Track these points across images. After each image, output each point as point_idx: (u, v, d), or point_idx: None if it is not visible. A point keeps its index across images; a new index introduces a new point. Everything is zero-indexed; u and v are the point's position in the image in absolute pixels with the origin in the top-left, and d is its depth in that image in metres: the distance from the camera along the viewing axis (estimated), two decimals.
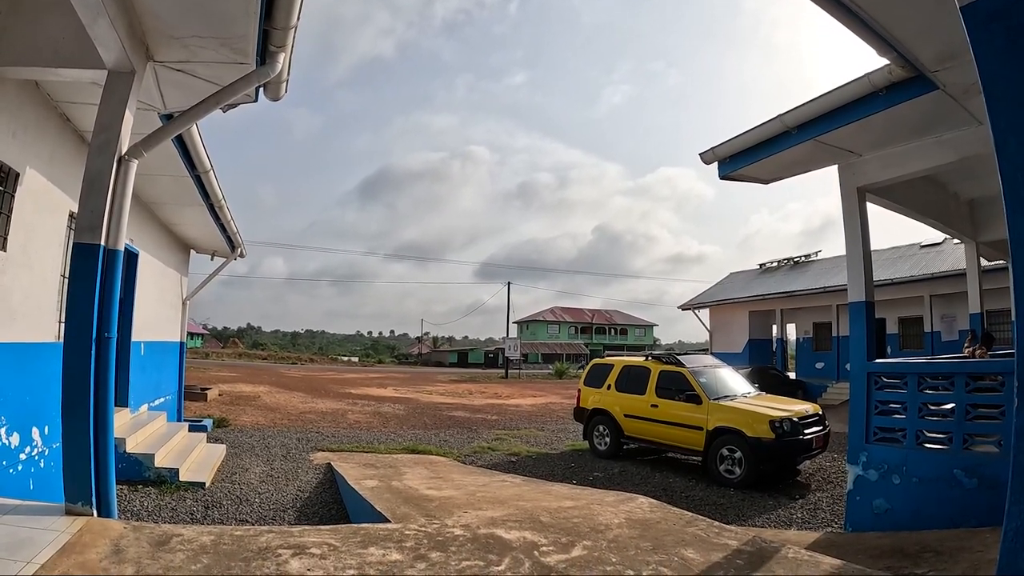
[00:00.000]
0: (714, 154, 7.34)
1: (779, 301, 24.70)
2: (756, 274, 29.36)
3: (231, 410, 17.21)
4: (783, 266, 28.22)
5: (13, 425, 5.52)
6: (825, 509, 7.93)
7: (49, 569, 3.50)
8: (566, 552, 4.26)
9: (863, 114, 5.93)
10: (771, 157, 6.88)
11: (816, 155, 6.98)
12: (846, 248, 7.09)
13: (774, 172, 7.63)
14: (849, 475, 6.83)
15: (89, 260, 4.37)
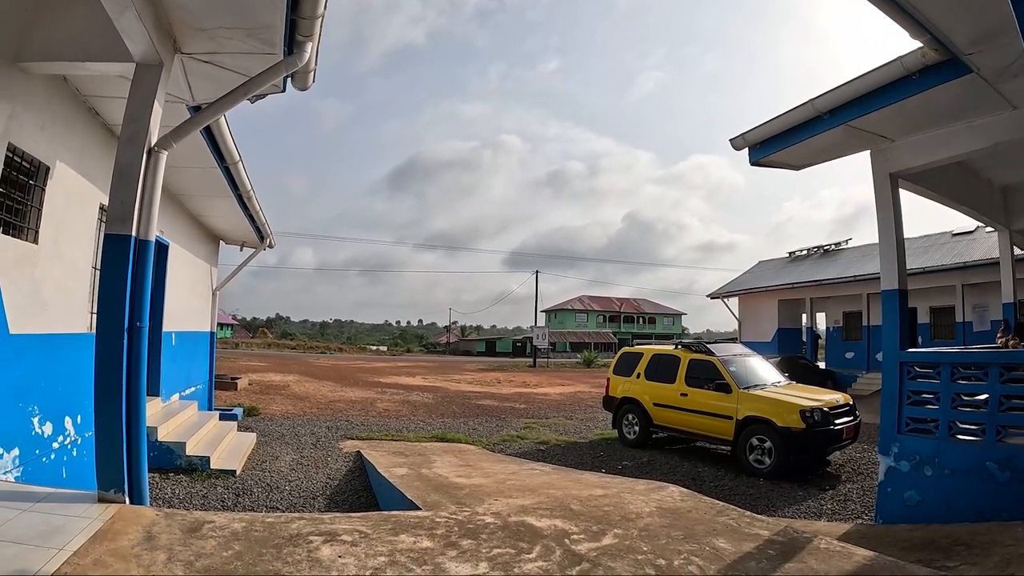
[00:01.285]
0: (744, 140, 7.23)
1: (809, 290, 24.30)
2: (785, 262, 28.95)
3: (261, 399, 17.39)
4: (813, 254, 27.80)
5: (46, 415, 5.62)
6: (855, 501, 7.83)
7: (82, 556, 3.54)
8: (597, 540, 4.25)
9: (895, 98, 5.80)
10: (802, 143, 6.76)
11: (848, 140, 6.86)
12: (879, 235, 6.97)
13: (805, 158, 7.51)
14: (880, 466, 6.73)
15: (120, 250, 4.41)
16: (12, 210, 5.10)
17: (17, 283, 5.11)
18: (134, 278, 4.45)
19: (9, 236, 5.04)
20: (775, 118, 6.81)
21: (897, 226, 6.84)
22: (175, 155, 4.99)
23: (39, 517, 4.07)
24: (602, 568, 3.74)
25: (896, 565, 3.78)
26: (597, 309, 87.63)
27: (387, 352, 77.98)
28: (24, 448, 5.28)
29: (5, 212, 4.99)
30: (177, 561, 3.57)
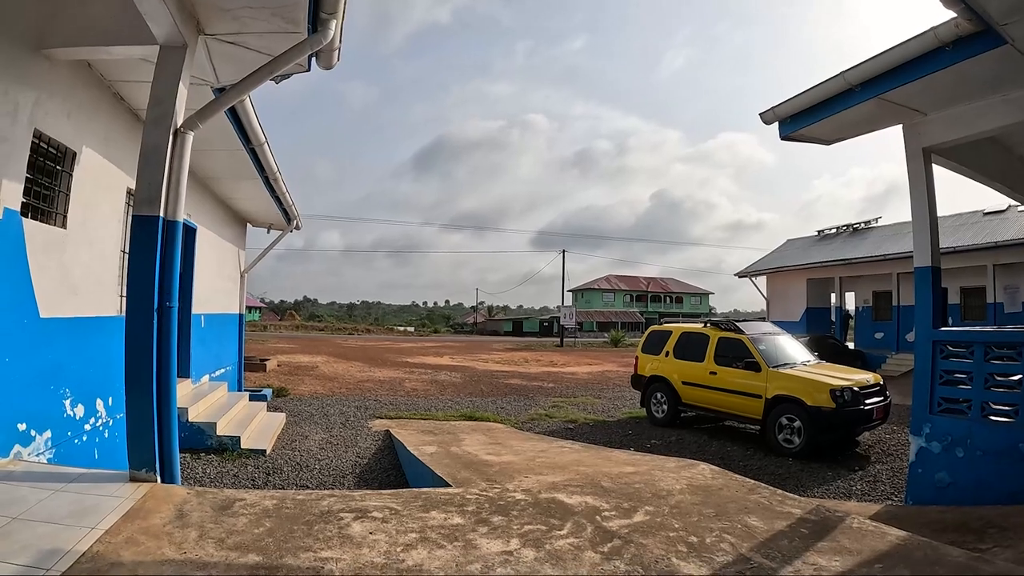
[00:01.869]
0: (774, 114, 7.09)
1: (838, 269, 23.91)
2: (814, 241, 28.53)
3: (290, 380, 17.56)
4: (842, 233, 27.36)
5: (78, 397, 5.70)
6: (885, 482, 7.75)
7: (114, 534, 3.59)
8: (628, 517, 4.24)
9: (928, 70, 5.65)
10: (833, 116, 6.62)
11: (880, 114, 6.71)
12: (912, 211, 6.83)
13: (836, 132, 7.35)
14: (912, 446, 6.63)
15: (149, 232, 4.44)
16: (40, 196, 5.15)
17: (47, 268, 5.17)
18: (163, 259, 4.48)
19: (38, 221, 5.09)
20: (806, 91, 6.66)
21: (930, 202, 6.69)
22: (201, 138, 5.00)
23: (72, 497, 4.14)
24: (634, 545, 3.72)
25: (930, 546, 3.72)
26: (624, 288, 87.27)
27: (414, 333, 78.43)
28: (56, 430, 5.36)
29: (33, 198, 5.03)
30: (209, 538, 3.60)
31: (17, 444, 4.82)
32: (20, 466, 4.70)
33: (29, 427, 4.97)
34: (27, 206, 4.91)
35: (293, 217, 12.63)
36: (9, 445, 4.73)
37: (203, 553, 3.40)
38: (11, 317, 4.72)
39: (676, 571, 3.37)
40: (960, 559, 3.50)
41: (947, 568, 3.34)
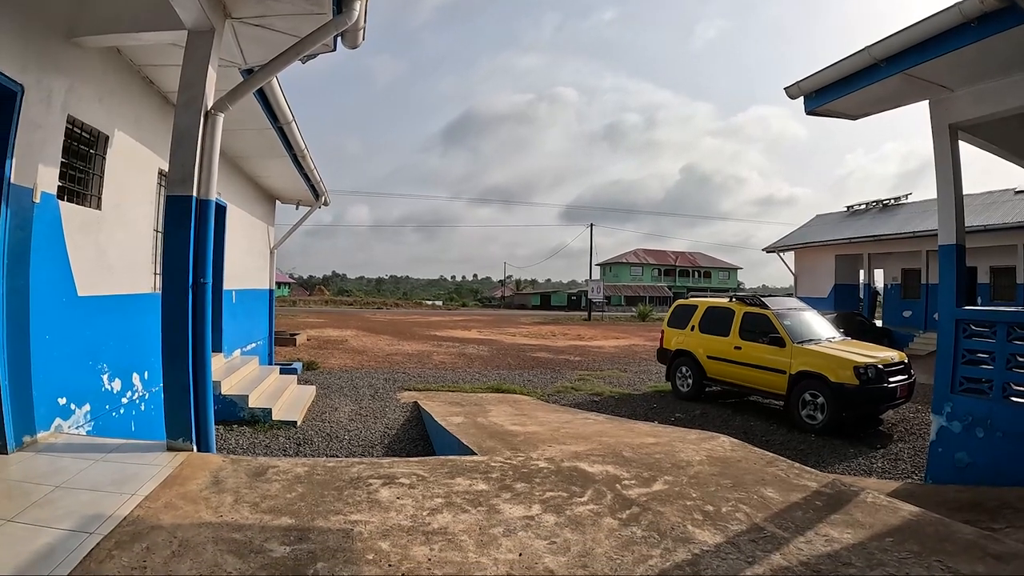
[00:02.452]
0: (799, 88, 7.03)
1: (867, 245, 23.48)
2: (843, 217, 27.99)
3: (319, 353, 17.79)
4: (871, 209, 26.81)
5: (115, 372, 5.91)
6: (906, 460, 7.75)
7: (153, 500, 3.76)
8: (647, 486, 4.34)
9: (953, 46, 5.57)
10: (858, 91, 6.55)
11: (905, 90, 6.64)
12: (937, 188, 6.76)
13: (862, 107, 7.28)
14: (933, 425, 6.63)
15: (182, 211, 4.61)
16: (75, 179, 5.32)
17: (83, 248, 5.35)
18: (196, 237, 4.65)
19: (74, 204, 5.26)
20: (831, 66, 6.61)
21: (956, 179, 6.63)
22: (230, 118, 5.11)
23: (112, 466, 4.33)
24: (651, 512, 3.83)
25: (941, 522, 3.77)
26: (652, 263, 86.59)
27: (442, 306, 78.46)
28: (95, 404, 5.57)
29: (69, 181, 5.20)
30: (244, 503, 3.77)
31: (58, 417, 5.04)
32: (61, 438, 4.92)
33: (69, 401, 5.18)
34: (63, 189, 5.08)
35: (321, 193, 12.71)
36: (50, 418, 4.94)
37: (238, 516, 3.57)
38: (51, 296, 4.91)
39: (691, 538, 3.47)
40: (970, 536, 3.54)
41: (956, 545, 3.39)
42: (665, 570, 3.10)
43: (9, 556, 2.94)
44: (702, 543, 3.41)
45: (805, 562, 3.18)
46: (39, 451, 4.56)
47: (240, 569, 2.96)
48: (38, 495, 3.75)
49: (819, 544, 3.40)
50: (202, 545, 3.20)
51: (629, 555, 3.27)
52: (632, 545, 3.39)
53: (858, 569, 3.08)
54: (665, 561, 3.19)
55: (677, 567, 3.12)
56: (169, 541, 3.23)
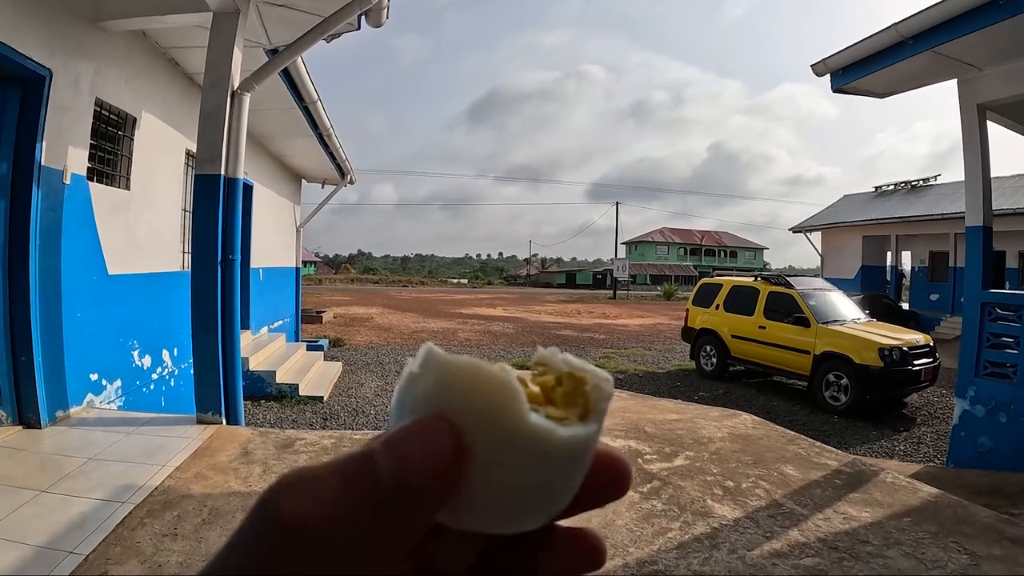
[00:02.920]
0: (826, 66, 6.94)
1: (894, 227, 22.97)
2: (871, 197, 27.43)
3: (346, 331, 17.86)
4: (900, 190, 26.25)
5: (145, 348, 6.05)
6: (928, 444, 7.70)
7: (184, 470, 3.88)
8: (669, 461, 4.39)
9: (983, 24, 5.45)
10: (885, 69, 6.44)
11: (933, 68, 6.53)
12: (965, 169, 6.65)
13: (889, 85, 7.17)
14: (956, 409, 6.57)
15: (211, 189, 4.71)
16: (104, 160, 5.42)
17: (113, 228, 5.47)
18: (225, 215, 4.75)
19: (103, 185, 5.37)
20: (858, 43, 6.51)
21: (984, 160, 6.53)
22: (255, 98, 5.17)
23: (143, 439, 4.46)
24: (672, 487, 3.88)
25: (960, 504, 3.77)
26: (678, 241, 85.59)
27: (468, 285, 78.30)
28: (126, 379, 5.72)
29: (98, 163, 5.31)
30: (272, 473, 3.88)
31: (90, 393, 5.19)
32: (93, 413, 5.06)
33: (101, 377, 5.33)
34: (92, 171, 5.19)
35: (347, 172, 12.76)
36: (82, 394, 5.09)
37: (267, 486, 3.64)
38: (82, 275, 5.04)
39: (711, 512, 3.52)
40: (988, 520, 3.54)
41: (974, 527, 3.39)
42: (684, 543, 3.15)
43: (44, 525, 3.07)
44: (721, 517, 3.46)
45: (822, 538, 3.21)
46: (72, 425, 4.72)
47: None
48: (71, 467, 3.89)
49: (837, 521, 3.43)
50: (231, 513, 3.31)
51: (649, 527, 3.32)
52: (652, 518, 3.44)
53: (875, 547, 3.10)
54: (684, 534, 3.24)
55: (696, 540, 3.17)
56: (199, 509, 3.34)
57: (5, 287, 4.43)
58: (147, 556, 2.82)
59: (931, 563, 2.93)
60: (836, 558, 2.99)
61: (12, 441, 4.24)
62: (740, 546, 3.11)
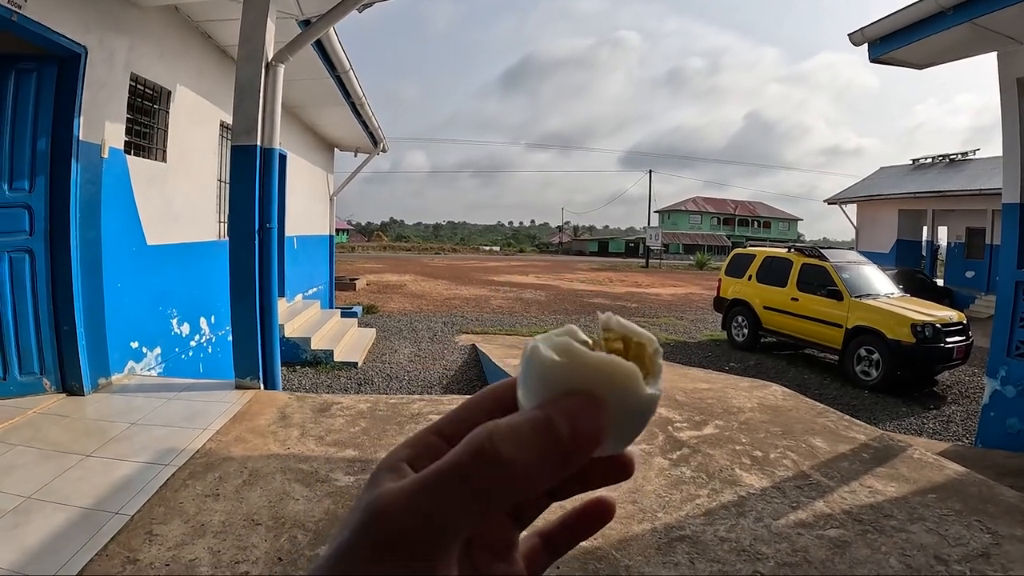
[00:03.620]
0: (863, 35, 6.78)
1: (931, 201, 22.31)
2: (908, 170, 26.71)
3: (379, 298, 17.97)
4: (937, 163, 25.50)
5: (183, 316, 6.21)
6: (958, 423, 7.62)
7: (224, 434, 4.01)
8: (698, 429, 4.44)
9: None
10: (924, 40, 6.27)
11: (972, 40, 6.34)
12: (1003, 145, 6.47)
13: (928, 57, 6.99)
14: (986, 388, 6.47)
15: (247, 160, 4.80)
16: (141, 134, 5.53)
17: (151, 200, 5.60)
18: (261, 184, 4.84)
19: (140, 158, 5.48)
20: (896, 12, 6.34)
21: (1022, 135, 6.39)
22: (288, 68, 5.18)
23: (183, 404, 4.61)
24: (701, 455, 3.93)
25: (985, 484, 3.74)
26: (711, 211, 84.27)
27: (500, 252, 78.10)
28: (165, 347, 5.89)
29: (135, 136, 5.41)
30: (309, 436, 4.00)
31: (131, 360, 5.36)
32: (134, 379, 5.23)
33: (141, 345, 5.49)
34: (129, 144, 5.30)
35: (379, 140, 12.77)
36: (123, 361, 5.26)
37: (305, 449, 3.79)
38: (121, 246, 5.18)
39: (738, 480, 3.56)
40: (1012, 500, 3.51)
41: (999, 507, 3.37)
42: (711, 509, 3.21)
43: (90, 488, 3.20)
44: (749, 486, 3.50)
45: (847, 511, 3.23)
46: (114, 392, 4.89)
47: (307, 496, 3.17)
48: (115, 432, 4.04)
49: (863, 495, 3.45)
50: (271, 475, 3.43)
51: (677, 493, 3.38)
52: (681, 484, 3.50)
53: (899, 522, 3.12)
54: (712, 501, 3.30)
55: (723, 507, 3.23)
56: (240, 471, 3.46)
57: (47, 259, 4.58)
58: (190, 516, 2.94)
59: (953, 540, 2.94)
60: (860, 530, 3.02)
61: (57, 408, 4.40)
62: (766, 515, 3.16)
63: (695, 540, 2.89)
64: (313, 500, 3.13)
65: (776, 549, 2.83)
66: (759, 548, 2.83)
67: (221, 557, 2.60)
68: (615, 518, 1.75)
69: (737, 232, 78.89)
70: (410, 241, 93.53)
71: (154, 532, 2.78)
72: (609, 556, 2.75)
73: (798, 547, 2.85)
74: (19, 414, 4.18)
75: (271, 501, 3.12)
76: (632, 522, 3.05)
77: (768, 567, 2.68)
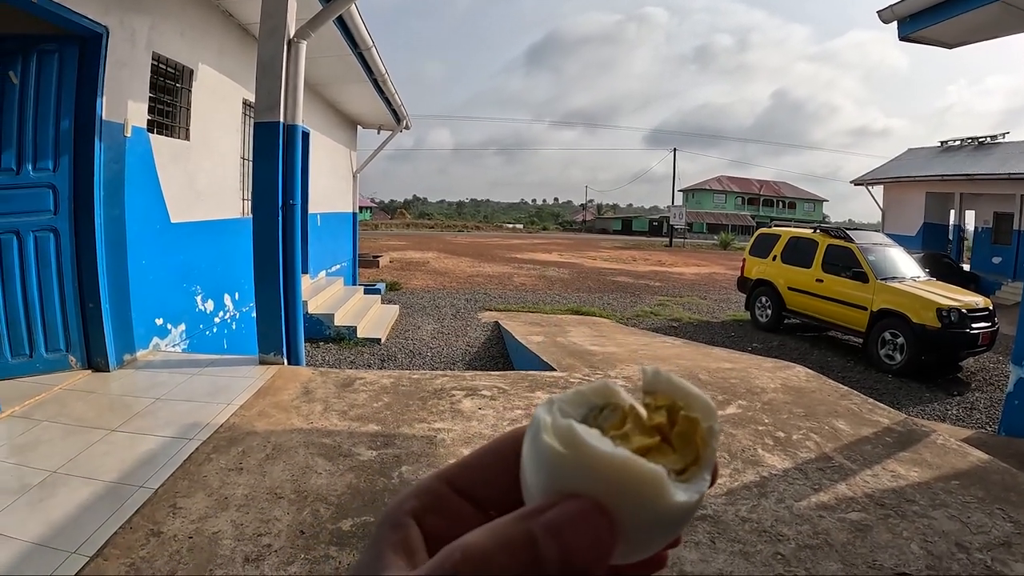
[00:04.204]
0: (893, 12, 6.62)
1: (959, 184, 21.80)
2: (936, 152, 26.14)
3: (402, 275, 18.08)
4: (966, 145, 24.95)
5: (208, 293, 6.29)
6: (981, 410, 7.52)
7: (248, 408, 4.06)
8: (721, 409, 4.41)
9: None
10: (954, 18, 6.10)
11: (1004, 19, 6.14)
12: None
13: (959, 36, 6.81)
14: (1011, 376, 6.37)
15: (270, 137, 4.81)
16: (163, 112, 5.55)
17: (174, 177, 5.64)
18: (284, 161, 4.86)
19: (163, 136, 5.51)
20: None
21: None
22: (310, 46, 5.15)
23: (207, 379, 4.67)
24: (723, 434, 3.90)
25: (1008, 472, 3.68)
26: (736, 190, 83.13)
27: (523, 230, 77.90)
28: (190, 323, 5.97)
29: (157, 115, 5.43)
30: (333, 411, 4.04)
31: (155, 336, 5.44)
32: (159, 356, 5.31)
33: (166, 321, 5.57)
34: (152, 123, 5.32)
35: (402, 117, 12.70)
36: (148, 338, 5.34)
37: (328, 424, 3.83)
38: (145, 224, 5.23)
39: (761, 461, 3.55)
40: None
41: (1021, 495, 3.32)
42: (733, 489, 3.20)
43: (115, 462, 3.26)
44: (771, 467, 3.48)
45: (869, 494, 3.21)
46: (139, 368, 4.96)
47: (330, 470, 3.21)
48: (140, 407, 4.11)
49: (885, 479, 3.41)
50: (294, 449, 3.47)
51: None
52: None
53: (920, 507, 3.09)
54: (734, 481, 3.29)
55: (745, 488, 3.22)
56: (263, 445, 3.51)
57: (72, 238, 4.64)
58: (214, 489, 2.98)
59: (975, 528, 2.91)
60: (882, 515, 3.00)
61: (82, 384, 4.48)
62: (788, 496, 3.14)
63: (716, 520, 2.89)
64: (336, 474, 3.16)
65: (797, 531, 2.81)
66: (780, 529, 2.82)
67: (244, 530, 2.64)
68: None
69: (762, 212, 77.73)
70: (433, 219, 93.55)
71: (178, 505, 2.82)
72: None
73: (819, 530, 2.84)
74: (45, 390, 4.26)
75: (294, 475, 3.16)
76: None
77: (789, 549, 2.67)
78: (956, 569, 2.59)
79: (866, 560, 2.61)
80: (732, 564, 2.55)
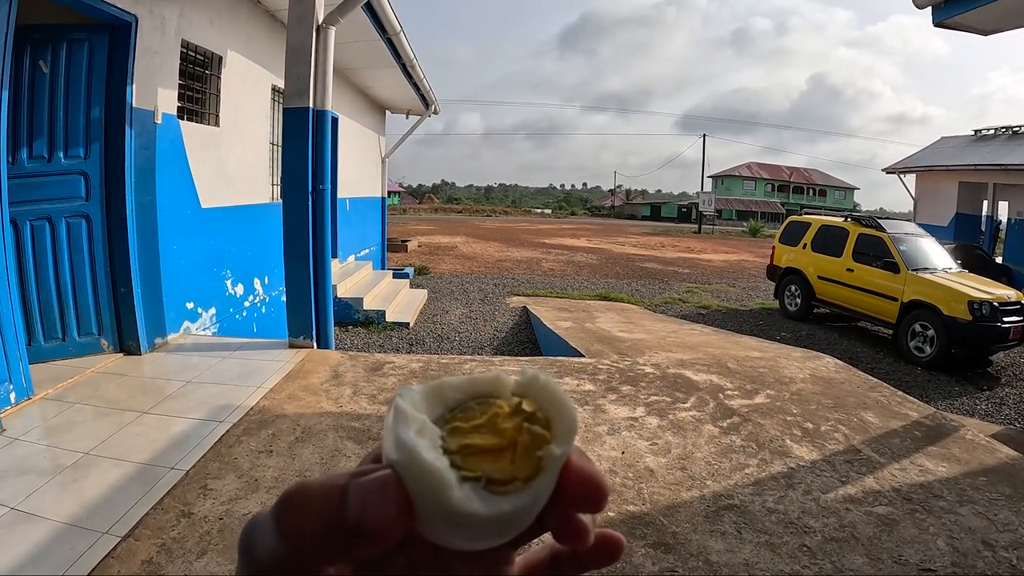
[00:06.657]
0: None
1: (992, 174, 21.21)
2: (969, 141, 25.46)
3: (430, 259, 18.04)
4: (1000, 135, 24.44)
5: (238, 277, 6.37)
6: (1011, 406, 7.34)
7: (277, 391, 4.11)
8: (749, 398, 4.41)
9: None
10: (990, 4, 5.95)
11: None
12: None
13: (994, 22, 6.62)
14: None
15: (300, 122, 4.85)
16: (193, 99, 5.59)
17: (204, 163, 5.70)
18: (314, 145, 4.91)
19: (193, 123, 5.56)
20: None
21: None
22: (338, 31, 5.17)
23: (237, 363, 4.73)
24: (751, 424, 3.91)
25: None
26: (766, 177, 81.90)
27: (551, 215, 77.59)
28: (219, 307, 6.06)
29: (187, 102, 5.48)
30: (362, 394, 4.10)
31: (186, 320, 5.53)
32: (189, 339, 5.39)
33: (196, 305, 5.65)
34: (182, 110, 5.37)
35: (431, 102, 12.65)
36: (179, 321, 5.43)
37: (357, 407, 3.88)
38: (176, 209, 5.30)
39: (788, 452, 3.53)
40: None
41: None
42: (760, 479, 3.19)
43: (147, 443, 3.33)
44: (799, 458, 3.47)
45: (897, 488, 3.18)
46: (170, 351, 5.05)
47: (358, 453, 3.26)
48: (171, 390, 4.19)
49: (913, 473, 3.38)
50: (323, 432, 3.53)
51: (727, 462, 3.38)
52: (731, 453, 3.50)
53: (948, 503, 3.06)
54: (761, 471, 3.28)
55: (772, 478, 3.21)
56: (293, 428, 3.56)
57: (103, 224, 4.71)
58: (244, 471, 3.04)
59: (1002, 525, 2.87)
60: (909, 509, 2.97)
61: (114, 367, 4.56)
62: (815, 488, 3.13)
63: (743, 510, 2.89)
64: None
65: (824, 523, 2.80)
66: (807, 521, 2.81)
67: None
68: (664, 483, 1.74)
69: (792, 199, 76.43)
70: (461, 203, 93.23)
71: (208, 487, 2.88)
72: (657, 522, 2.76)
73: (846, 522, 2.82)
74: (78, 373, 4.34)
75: (323, 458, 3.20)
76: (681, 489, 3.06)
77: (815, 541, 2.66)
78: (981, 567, 2.57)
79: (892, 555, 2.60)
80: (758, 555, 2.55)
